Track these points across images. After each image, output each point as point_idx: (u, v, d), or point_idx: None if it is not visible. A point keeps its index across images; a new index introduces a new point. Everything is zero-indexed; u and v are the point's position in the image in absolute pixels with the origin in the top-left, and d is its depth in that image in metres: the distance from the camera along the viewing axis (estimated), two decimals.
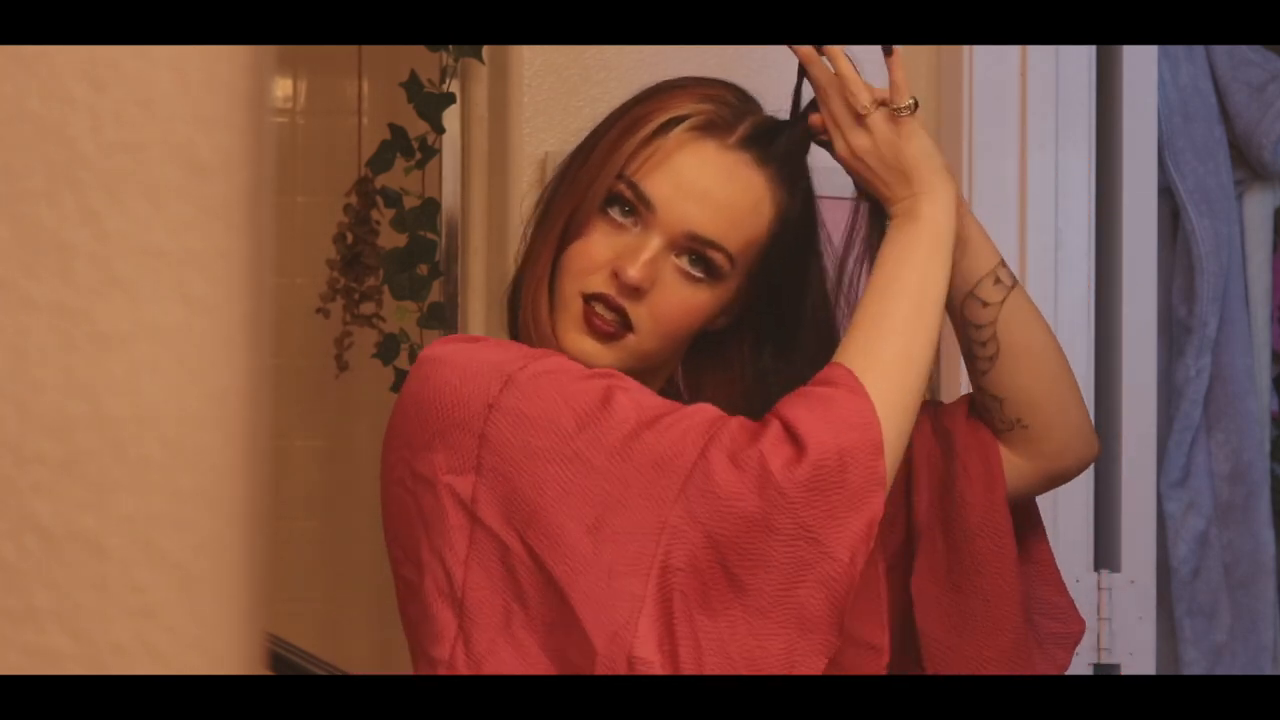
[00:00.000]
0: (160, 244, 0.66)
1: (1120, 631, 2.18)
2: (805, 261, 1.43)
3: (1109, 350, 2.21)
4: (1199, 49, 2.37)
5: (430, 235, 2.20)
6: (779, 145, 1.38)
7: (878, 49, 1.40)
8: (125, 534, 0.66)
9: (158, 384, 0.66)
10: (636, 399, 1.26)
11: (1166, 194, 2.33)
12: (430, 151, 2.20)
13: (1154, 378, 2.24)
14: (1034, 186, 2.16)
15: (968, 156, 2.14)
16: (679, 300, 1.34)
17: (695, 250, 1.34)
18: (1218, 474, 2.37)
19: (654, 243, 1.33)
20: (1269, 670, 2.36)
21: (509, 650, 1.24)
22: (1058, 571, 1.55)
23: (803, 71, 1.42)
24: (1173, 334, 2.38)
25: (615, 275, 1.32)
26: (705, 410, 1.26)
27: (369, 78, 2.93)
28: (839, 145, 1.39)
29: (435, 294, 2.22)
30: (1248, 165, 2.40)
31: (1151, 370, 2.24)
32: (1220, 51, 2.38)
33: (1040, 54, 2.16)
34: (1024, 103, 2.16)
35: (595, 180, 1.35)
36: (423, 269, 2.20)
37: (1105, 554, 2.20)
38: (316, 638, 2.93)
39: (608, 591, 1.21)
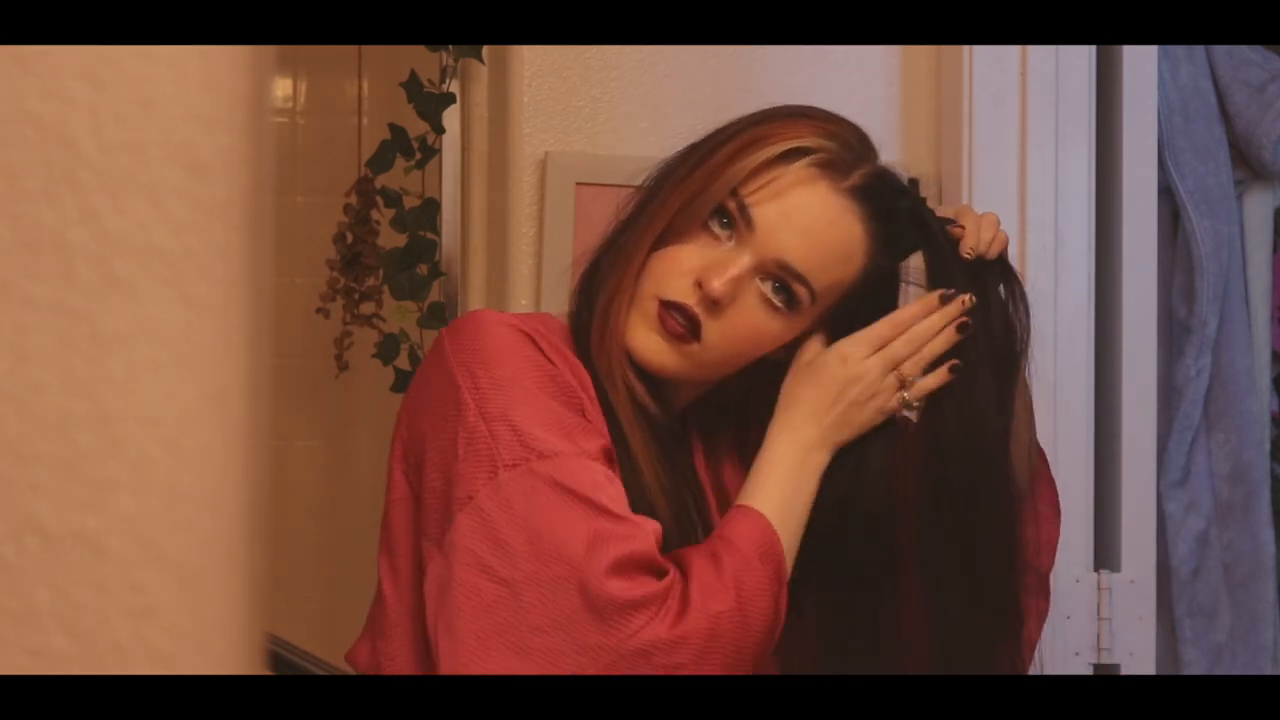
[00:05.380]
0: (160, 244, 0.66)
1: (1120, 631, 2.18)
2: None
3: (1109, 350, 2.21)
4: (1199, 49, 2.37)
5: (430, 235, 2.20)
6: (887, 205, 1.38)
7: (880, 48, 1.40)
8: (125, 534, 0.66)
9: (158, 384, 0.66)
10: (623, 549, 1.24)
11: (1166, 194, 2.33)
12: (430, 151, 2.20)
13: (1154, 378, 2.24)
14: (1034, 186, 2.15)
15: (968, 156, 2.14)
16: (753, 323, 1.35)
17: (781, 279, 1.35)
18: (1218, 474, 2.37)
19: (744, 261, 1.34)
20: (1269, 670, 2.36)
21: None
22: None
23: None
24: (1173, 334, 2.38)
25: (698, 285, 1.33)
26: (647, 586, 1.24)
27: (369, 78, 2.92)
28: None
29: (435, 294, 2.22)
30: (1248, 165, 2.40)
31: (1151, 370, 2.23)
32: (1220, 51, 2.38)
33: (1040, 54, 2.16)
34: (1024, 103, 2.16)
35: (706, 190, 1.35)
36: (423, 269, 2.20)
37: (1105, 554, 2.20)
38: (316, 638, 2.92)
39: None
